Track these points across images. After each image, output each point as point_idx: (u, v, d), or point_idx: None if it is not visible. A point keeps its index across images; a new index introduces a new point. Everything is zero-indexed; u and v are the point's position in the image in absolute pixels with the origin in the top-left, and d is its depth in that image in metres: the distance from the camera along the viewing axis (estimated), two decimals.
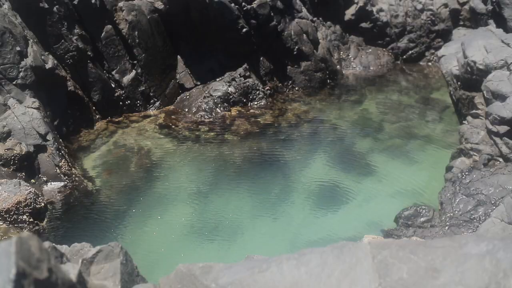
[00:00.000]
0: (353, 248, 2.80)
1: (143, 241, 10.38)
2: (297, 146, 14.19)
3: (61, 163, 12.04)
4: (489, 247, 2.58)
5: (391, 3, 20.65)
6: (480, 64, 11.95)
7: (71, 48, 14.76)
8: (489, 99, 11.33)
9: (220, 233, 10.63)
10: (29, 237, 2.31)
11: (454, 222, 9.71)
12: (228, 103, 16.23)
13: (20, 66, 12.99)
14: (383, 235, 10.00)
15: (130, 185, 12.34)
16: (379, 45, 20.80)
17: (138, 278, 3.75)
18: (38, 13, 14.24)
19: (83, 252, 3.96)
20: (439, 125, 15.28)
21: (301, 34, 17.98)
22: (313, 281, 2.66)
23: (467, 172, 10.76)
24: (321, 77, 18.36)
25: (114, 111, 15.78)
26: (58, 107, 14.09)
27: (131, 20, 15.73)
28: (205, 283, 2.98)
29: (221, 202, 11.67)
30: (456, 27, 19.76)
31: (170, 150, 14.05)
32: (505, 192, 9.66)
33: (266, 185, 12.33)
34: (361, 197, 11.72)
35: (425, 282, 2.52)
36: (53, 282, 2.34)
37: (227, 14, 16.43)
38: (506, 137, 10.71)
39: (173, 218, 11.11)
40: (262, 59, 17.51)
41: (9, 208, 9.95)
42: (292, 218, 11.13)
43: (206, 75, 17.06)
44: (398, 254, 2.70)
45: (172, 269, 3.29)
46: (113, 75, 15.77)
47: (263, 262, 2.90)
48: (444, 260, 2.58)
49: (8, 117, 12.08)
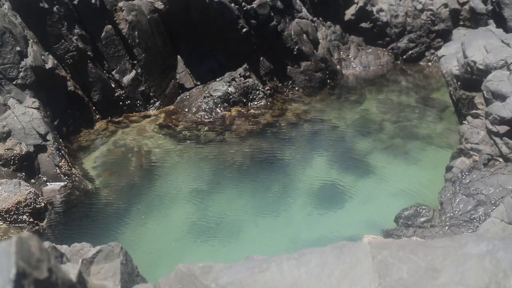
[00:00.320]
0: (353, 248, 2.80)
1: (143, 241, 10.37)
2: (297, 146, 14.19)
3: (61, 163, 12.04)
4: (489, 247, 2.58)
5: (391, 3, 20.65)
6: (480, 64, 11.95)
7: (71, 48, 14.76)
8: (489, 99, 11.33)
9: (220, 233, 10.63)
10: (29, 237, 2.31)
11: (454, 222, 9.71)
12: (228, 103, 16.23)
13: (20, 66, 12.99)
14: (383, 235, 10.00)
15: (130, 185, 12.34)
16: (379, 45, 20.80)
17: (138, 278, 3.76)
18: (38, 13, 14.24)
19: (83, 252, 3.96)
20: (439, 125, 15.28)
21: (301, 34, 17.98)
22: (313, 281, 2.66)
23: (467, 172, 10.76)
24: (321, 77, 18.36)
25: (114, 111, 15.78)
26: (58, 107, 14.10)
27: (131, 20, 15.73)
28: (205, 283, 2.99)
29: (221, 202, 11.67)
30: (456, 27, 19.76)
31: (170, 150, 14.05)
32: (505, 192, 9.66)
33: (266, 185, 12.33)
34: (361, 197, 11.72)
35: (425, 282, 2.52)
36: (53, 282, 2.34)
37: (227, 14, 16.44)
38: (506, 137, 10.71)
39: (173, 218, 11.11)
40: (262, 59, 17.51)
41: (9, 208, 9.95)
42: (292, 218, 11.13)
43: (206, 75, 17.06)
44: (398, 254, 2.70)
45: (172, 269, 3.29)
46: (113, 75, 15.77)
47: (263, 262, 2.90)
48: (444, 260, 2.59)
49: (8, 117, 12.08)
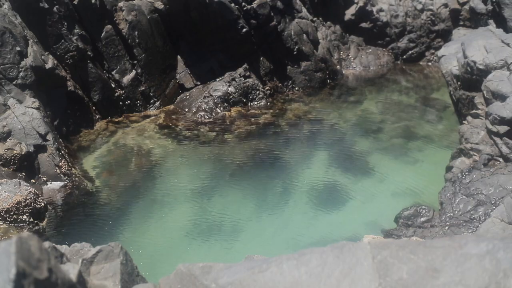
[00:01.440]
0: (353, 248, 2.80)
1: (143, 241, 10.37)
2: (297, 146, 14.19)
3: (61, 163, 12.04)
4: (489, 247, 2.58)
5: (391, 3, 20.65)
6: (480, 64, 11.95)
7: (71, 48, 14.75)
8: (489, 99, 11.33)
9: (220, 233, 10.63)
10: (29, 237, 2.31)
11: (454, 222, 9.71)
12: (228, 103, 16.22)
13: (20, 66, 12.99)
14: (383, 235, 10.00)
15: (130, 185, 12.34)
16: (379, 45, 20.80)
17: (138, 278, 3.76)
18: (38, 13, 14.24)
19: (83, 252, 3.96)
20: (439, 125, 15.28)
21: (301, 34, 17.98)
22: (313, 281, 2.66)
23: (467, 172, 10.76)
24: (321, 77, 18.36)
25: (114, 111, 15.78)
26: (58, 107, 14.09)
27: (131, 20, 15.73)
28: (205, 283, 2.98)
29: (221, 202, 11.67)
30: (456, 27, 19.74)
31: (170, 150, 14.05)
32: (505, 192, 9.66)
33: (266, 185, 12.33)
34: (361, 197, 11.71)
35: (425, 282, 2.52)
36: (53, 282, 2.34)
37: (227, 14, 16.44)
38: (506, 137, 10.71)
39: (173, 218, 11.11)
40: (262, 59, 17.51)
41: (9, 208, 9.95)
42: (292, 218, 11.13)
43: (206, 75, 17.05)
44: (398, 254, 2.70)
45: (172, 269, 3.29)
46: (113, 75, 15.77)
47: (263, 262, 2.90)
48: (444, 260, 2.58)
49: (8, 117, 12.08)
